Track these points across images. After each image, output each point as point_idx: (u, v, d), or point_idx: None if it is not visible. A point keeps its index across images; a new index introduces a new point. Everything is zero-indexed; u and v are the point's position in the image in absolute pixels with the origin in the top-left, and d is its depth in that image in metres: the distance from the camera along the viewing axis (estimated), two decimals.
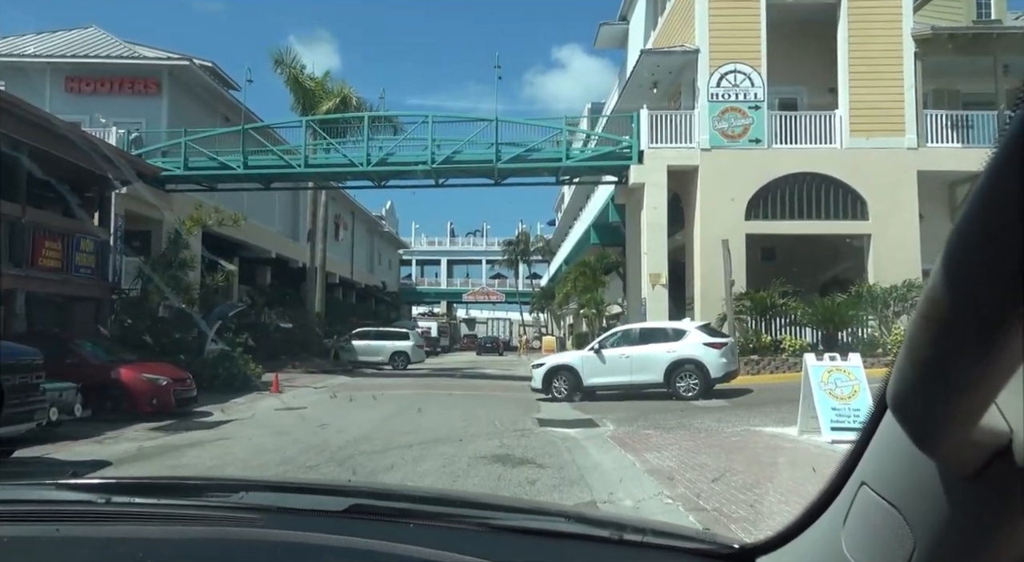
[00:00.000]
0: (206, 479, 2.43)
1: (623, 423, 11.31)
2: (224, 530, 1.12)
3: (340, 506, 1.22)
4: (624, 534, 1.16)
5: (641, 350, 14.76)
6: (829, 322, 17.25)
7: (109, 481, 1.69)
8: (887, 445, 0.77)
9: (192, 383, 12.66)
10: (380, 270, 58.21)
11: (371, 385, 19.54)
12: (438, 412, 12.93)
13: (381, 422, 11.61)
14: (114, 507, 1.21)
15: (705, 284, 18.60)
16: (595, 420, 11.78)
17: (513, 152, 20.05)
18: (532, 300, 54.22)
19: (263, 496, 1.42)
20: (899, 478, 0.75)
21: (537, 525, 1.26)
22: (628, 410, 13.19)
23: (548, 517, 1.37)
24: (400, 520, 1.19)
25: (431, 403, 14.62)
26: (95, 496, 1.28)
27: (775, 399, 13.10)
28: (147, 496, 1.35)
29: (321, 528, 1.10)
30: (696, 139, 19.14)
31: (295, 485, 1.91)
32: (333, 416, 12.64)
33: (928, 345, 0.61)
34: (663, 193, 18.97)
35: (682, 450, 8.42)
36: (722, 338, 14.73)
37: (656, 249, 18.86)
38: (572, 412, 13.36)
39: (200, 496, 1.40)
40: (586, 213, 33.94)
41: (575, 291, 25.13)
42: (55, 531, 1.10)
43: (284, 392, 16.95)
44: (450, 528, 1.19)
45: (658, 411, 12.82)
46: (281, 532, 1.09)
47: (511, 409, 13.79)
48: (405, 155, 21.07)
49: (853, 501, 0.84)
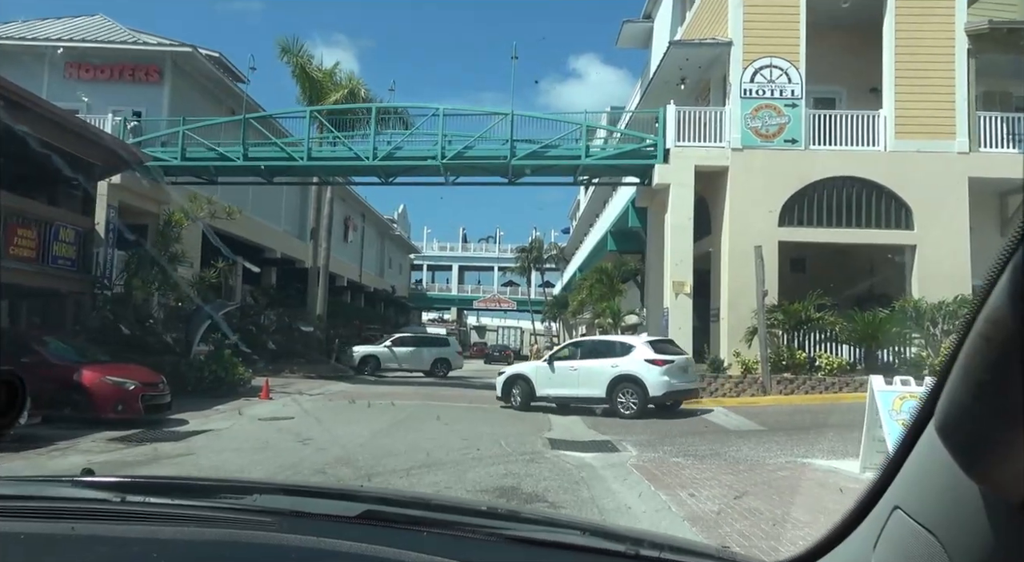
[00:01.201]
0: (219, 480, 2.54)
1: (646, 447, 9.91)
2: (238, 533, 1.11)
3: (353, 511, 1.22)
4: (641, 549, 1.15)
5: (588, 364, 14.24)
6: (871, 339, 15.74)
7: (124, 480, 1.70)
8: (924, 469, 0.75)
9: (165, 388, 11.37)
10: (390, 274, 57.10)
11: (370, 393, 18.20)
12: (437, 428, 11.58)
13: (371, 438, 10.26)
14: (129, 506, 1.23)
15: (733, 295, 17.16)
16: (613, 442, 10.38)
17: (529, 149, 18.74)
18: (544, 309, 52.79)
19: (276, 499, 1.43)
20: (938, 504, 0.73)
21: (551, 537, 1.25)
22: (649, 431, 11.78)
23: (563, 529, 1.37)
24: (413, 528, 1.18)
25: (431, 416, 13.27)
26: (110, 494, 1.31)
27: (815, 424, 11.67)
28: (162, 496, 1.36)
29: (334, 534, 1.09)
30: (727, 138, 17.74)
31: (308, 489, 1.77)
32: (320, 429, 11.31)
33: (988, 368, 0.59)
34: (690, 195, 17.58)
35: (723, 488, 7.01)
36: (671, 355, 13.72)
37: (681, 255, 17.46)
38: (586, 431, 11.97)
39: (214, 497, 1.41)
40: (603, 219, 32.57)
41: (591, 299, 23.72)
42: (71, 529, 1.10)
43: (275, 399, 15.67)
44: (463, 537, 1.17)
45: (683, 434, 11.39)
46: (294, 537, 1.08)
47: (519, 426, 12.42)
48: (414, 149, 19.82)
49: (885, 525, 0.81)
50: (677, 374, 13.47)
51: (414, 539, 1.10)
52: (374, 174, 21.13)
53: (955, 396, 0.65)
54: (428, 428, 11.53)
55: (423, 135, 20.03)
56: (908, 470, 0.79)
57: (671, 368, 13.38)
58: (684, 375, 13.76)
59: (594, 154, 18.63)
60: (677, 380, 13.42)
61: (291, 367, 22.31)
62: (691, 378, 14.12)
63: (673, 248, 17.57)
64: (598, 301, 23.50)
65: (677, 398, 13.79)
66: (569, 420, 13.58)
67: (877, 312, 16.00)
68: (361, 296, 48.95)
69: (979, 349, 0.60)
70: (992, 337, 0.58)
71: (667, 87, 20.06)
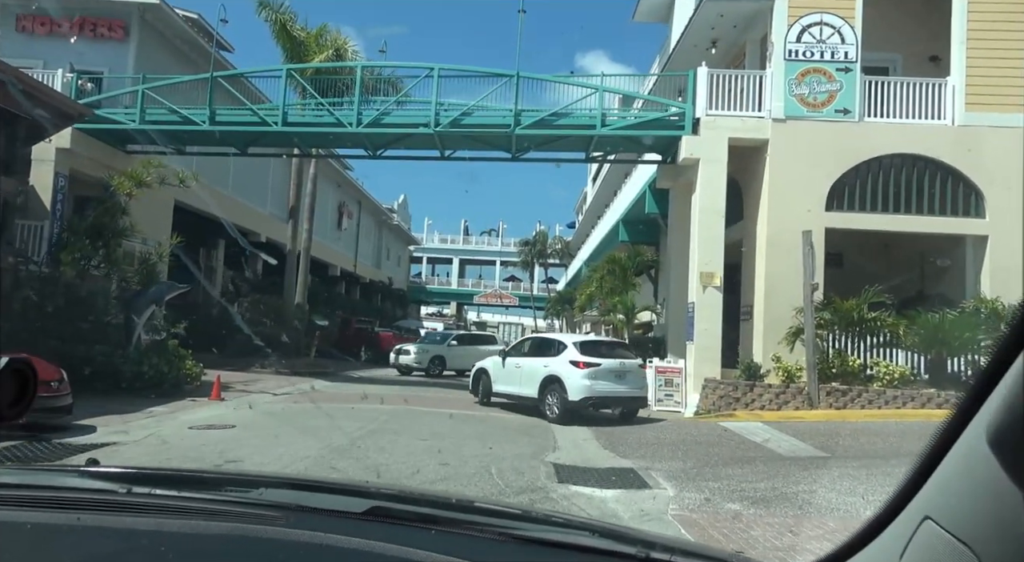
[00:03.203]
0: (225, 473, 2.60)
1: (684, 482, 7.44)
2: (245, 527, 1.09)
3: (360, 507, 1.21)
4: (652, 552, 1.14)
5: (529, 362, 13.59)
6: (940, 345, 13.20)
7: (129, 471, 1.66)
8: (960, 479, 0.73)
9: (64, 386, 8.87)
10: (388, 266, 54.68)
11: (346, 393, 15.75)
12: (411, 445, 9.11)
13: (318, 460, 7.78)
14: (135, 498, 1.22)
15: (770, 290, 14.67)
16: (639, 472, 7.90)
17: (536, 117, 16.24)
18: (547, 305, 50.31)
19: (283, 493, 1.42)
20: (975, 516, 0.70)
21: (561, 537, 1.24)
22: (680, 454, 9.30)
23: (573, 530, 1.36)
24: (421, 525, 1.16)
25: (409, 426, 10.81)
26: (116, 485, 1.29)
27: (889, 451, 9.21)
28: (168, 488, 1.35)
29: (341, 530, 1.08)
30: (767, 107, 15.22)
31: (315, 484, 1.72)
32: (259, 443, 8.88)
33: None
34: (722, 171, 15.06)
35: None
36: (601, 358, 12.61)
37: (710, 242, 14.96)
38: (600, 452, 9.50)
39: (220, 490, 1.41)
40: (614, 208, 30.04)
41: (600, 293, 21.23)
42: (76, 519, 1.09)
43: (227, 399, 13.22)
44: (472, 536, 1.16)
45: (726, 460, 8.90)
46: (301, 532, 1.07)
47: (516, 442, 9.95)
48: (404, 115, 17.34)
49: (914, 534, 0.79)
50: (606, 378, 12.39)
51: (422, 537, 1.09)
52: (359, 145, 18.66)
53: (1010, 406, 0.61)
54: (400, 445, 9.05)
55: (416, 104, 17.55)
56: (940, 478, 0.76)
57: (596, 372, 12.30)
58: (618, 381, 12.54)
59: (611, 124, 16.09)
60: (605, 385, 12.36)
61: (262, 362, 19.87)
62: (631, 385, 12.74)
63: (702, 234, 15.07)
64: (608, 295, 20.97)
65: (605, 405, 12.71)
66: (577, 433, 11.13)
67: (945, 313, 13.46)
68: (356, 287, 46.59)
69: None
70: None
71: (695, 52, 17.49)
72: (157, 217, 19.58)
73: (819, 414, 12.36)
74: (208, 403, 12.59)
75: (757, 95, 15.37)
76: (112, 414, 10.40)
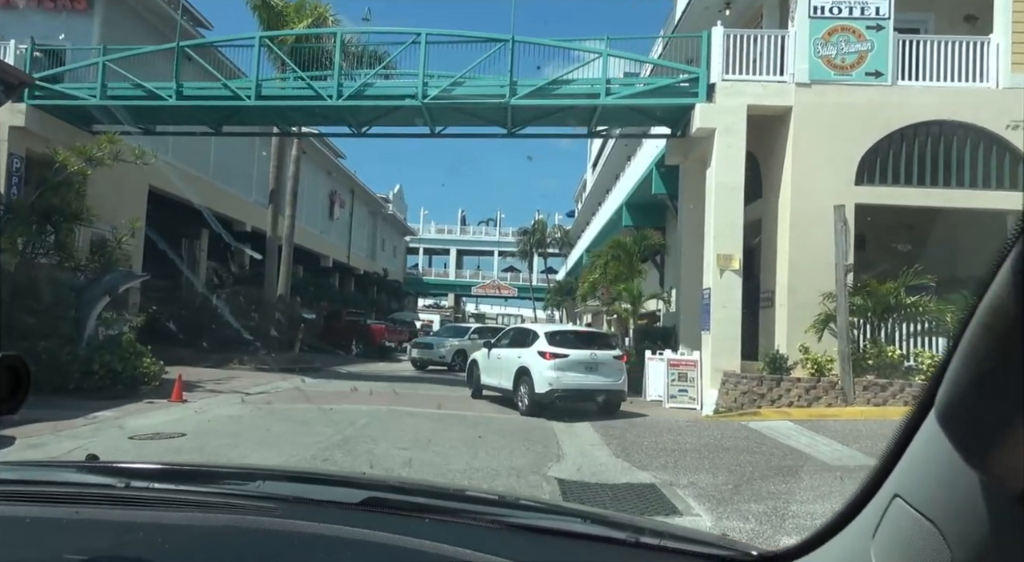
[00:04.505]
0: (222, 467, 2.55)
1: (719, 502, 6.03)
2: (242, 518, 1.10)
3: (356, 498, 1.22)
4: (641, 537, 1.16)
5: (508, 353, 13.25)
6: None
7: (128, 465, 1.67)
8: (925, 457, 0.76)
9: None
10: (383, 257, 53.23)
11: (327, 392, 14.34)
12: (389, 456, 7.68)
13: None
14: (133, 492, 1.22)
15: (794, 274, 13.23)
16: (662, 490, 6.48)
17: (533, 86, 14.74)
18: (547, 296, 48.87)
19: (280, 486, 1.44)
20: (938, 492, 0.73)
21: (553, 524, 1.25)
22: (707, 463, 7.88)
23: (565, 517, 1.41)
24: (416, 515, 1.17)
25: (390, 431, 9.39)
26: (114, 480, 1.31)
27: None
28: (166, 482, 1.37)
29: (337, 520, 1.09)
30: (790, 70, 13.73)
31: (311, 475, 1.75)
32: (207, 459, 7.45)
33: (990, 357, 0.59)
34: (740, 143, 13.59)
35: None
36: (570, 349, 12.14)
37: (728, 221, 13.50)
38: (612, 460, 8.09)
39: (218, 483, 1.41)
40: (617, 191, 28.56)
41: (604, 280, 19.79)
42: (75, 513, 1.09)
43: (190, 401, 11.79)
44: (465, 525, 1.18)
45: (765, 472, 7.47)
46: (298, 523, 1.08)
47: (513, 450, 8.53)
48: (389, 86, 15.84)
49: (885, 513, 0.82)
50: (575, 370, 11.91)
51: (416, 526, 1.10)
52: (342, 121, 17.16)
53: (956, 384, 0.64)
54: (376, 457, 7.61)
55: (403, 76, 16.03)
56: (909, 458, 0.79)
57: (563, 363, 11.85)
58: (588, 373, 12.04)
59: (616, 92, 14.58)
60: (574, 377, 11.87)
61: (240, 358, 18.44)
62: (604, 377, 12.16)
63: (718, 213, 13.62)
64: (613, 283, 19.49)
65: (574, 398, 12.07)
66: (584, 437, 9.73)
67: None
68: (351, 279, 45.18)
69: (981, 337, 0.59)
70: (993, 325, 0.57)
71: (706, 16, 15.96)
72: (129, 202, 18.14)
73: (855, 411, 10.94)
74: (167, 406, 11.16)
75: (778, 57, 13.87)
76: (47, 421, 8.95)
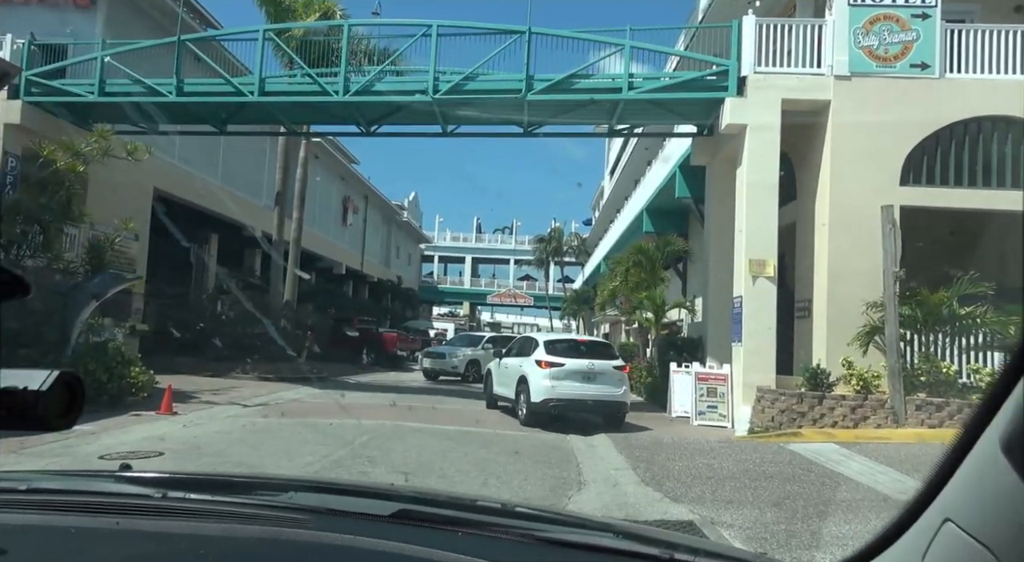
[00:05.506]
0: (255, 477, 2.52)
1: (772, 546, 5.04)
2: (278, 531, 1.11)
3: (387, 510, 1.23)
4: (675, 553, 1.14)
5: (513, 362, 13.12)
6: None
7: (163, 475, 1.69)
8: (979, 482, 0.75)
9: None
10: (398, 264, 52.53)
11: (328, 405, 13.46)
12: (386, 482, 6.74)
13: None
14: (171, 502, 1.23)
15: (834, 281, 12.20)
16: (707, 534, 5.48)
17: (552, 79, 13.84)
18: (563, 305, 47.85)
19: (311, 497, 1.47)
20: (996, 520, 0.72)
21: (584, 539, 1.25)
22: (749, 492, 6.88)
23: (597, 532, 1.38)
24: (447, 528, 1.17)
25: (391, 452, 8.48)
26: (151, 490, 1.33)
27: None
28: (201, 492, 1.38)
29: (369, 533, 1.10)
30: (828, 62, 12.74)
31: (342, 487, 1.81)
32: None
33: None
34: (774, 139, 12.61)
35: None
36: (567, 358, 11.96)
37: (761, 223, 12.51)
38: (642, 491, 7.10)
39: (252, 494, 1.44)
40: (636, 198, 27.58)
41: (625, 288, 18.81)
42: (115, 524, 1.11)
43: (180, 413, 10.95)
44: (497, 538, 1.18)
45: (817, 506, 6.45)
46: (331, 535, 1.10)
47: (528, 476, 7.58)
48: (398, 82, 15.03)
49: (935, 537, 0.81)
50: (571, 379, 11.72)
51: (448, 539, 1.10)
52: (350, 119, 16.37)
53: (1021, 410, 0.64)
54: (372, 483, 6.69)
55: (413, 73, 15.21)
56: (960, 481, 0.78)
57: (559, 372, 11.71)
58: (586, 383, 11.79)
59: (640, 85, 13.66)
60: (570, 386, 11.67)
61: (243, 367, 17.64)
62: (603, 388, 11.85)
63: (750, 215, 12.62)
64: (634, 291, 18.50)
65: (570, 408, 11.77)
66: (608, 459, 8.77)
67: None
68: (364, 286, 44.47)
69: None
70: None
71: (735, 5, 15.01)
72: (132, 205, 17.44)
73: (908, 433, 9.87)
74: (153, 419, 10.33)
75: (815, 49, 12.90)
76: (13, 437, 8.13)
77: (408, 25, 15.14)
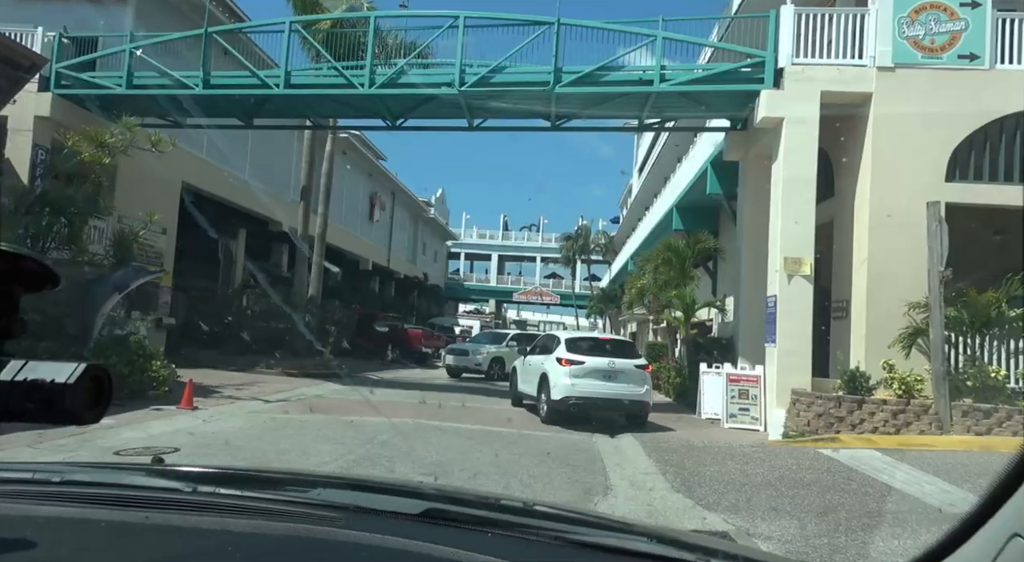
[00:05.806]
0: (284, 472, 2.49)
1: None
2: (308, 528, 1.10)
3: (416, 509, 1.22)
4: (714, 559, 1.11)
5: (537, 360, 13.00)
6: None
7: (193, 470, 1.70)
8: None
9: None
10: (424, 261, 52.52)
11: (351, 402, 13.29)
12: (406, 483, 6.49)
13: None
14: (201, 497, 1.23)
15: (874, 281, 11.70)
16: (739, 543, 5.13)
17: (580, 72, 13.49)
18: (590, 303, 47.39)
19: (340, 494, 1.44)
20: None
21: (617, 543, 1.21)
22: (787, 501, 6.50)
23: (630, 535, 1.35)
24: (477, 528, 1.16)
25: (412, 451, 8.23)
26: (181, 484, 1.32)
27: None
28: (230, 487, 1.37)
29: (398, 532, 1.09)
30: (870, 53, 12.23)
31: (371, 484, 1.79)
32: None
33: None
34: (812, 133, 12.13)
35: None
36: (588, 355, 11.81)
37: (798, 220, 12.04)
38: (672, 499, 6.75)
39: (281, 490, 1.43)
40: (666, 194, 27.11)
41: (653, 286, 18.39)
42: (145, 518, 1.11)
43: (201, 408, 10.84)
44: (527, 540, 1.15)
45: (861, 518, 6.06)
46: (359, 534, 1.09)
47: (551, 480, 7.28)
48: (425, 74, 14.79)
49: (1001, 551, 0.79)
50: (591, 377, 11.56)
51: (478, 540, 1.09)
52: (376, 113, 16.17)
53: None
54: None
55: (440, 66, 14.98)
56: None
57: (579, 370, 11.55)
58: (606, 381, 11.61)
59: (672, 77, 13.25)
60: (590, 384, 11.51)
61: (267, 362, 17.57)
62: (623, 386, 11.67)
63: (786, 211, 12.16)
64: (663, 289, 18.06)
65: (590, 406, 11.59)
66: (635, 462, 8.44)
67: None
68: (391, 283, 44.49)
69: None
70: None
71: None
72: (161, 199, 17.44)
73: (953, 441, 9.38)
74: (172, 413, 10.21)
75: (856, 39, 12.38)
76: (31, 431, 8.03)
77: (435, 16, 14.92)
